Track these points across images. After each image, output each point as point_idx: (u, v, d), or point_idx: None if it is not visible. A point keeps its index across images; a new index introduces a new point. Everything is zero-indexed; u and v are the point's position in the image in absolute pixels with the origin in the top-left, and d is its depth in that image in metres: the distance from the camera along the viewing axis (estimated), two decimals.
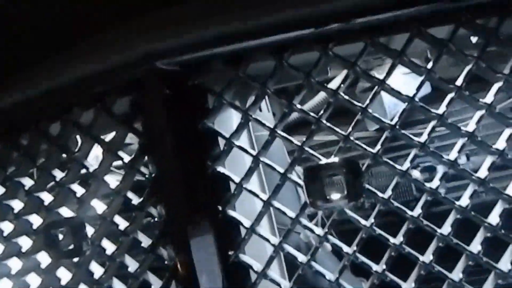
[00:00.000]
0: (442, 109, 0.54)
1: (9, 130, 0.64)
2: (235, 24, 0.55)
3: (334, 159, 0.55)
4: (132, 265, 0.60)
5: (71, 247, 0.61)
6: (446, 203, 0.54)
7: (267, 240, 0.56)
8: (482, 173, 0.53)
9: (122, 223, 0.60)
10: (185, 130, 0.56)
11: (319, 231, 0.56)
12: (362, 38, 0.55)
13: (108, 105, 0.60)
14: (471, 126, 0.54)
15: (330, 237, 0.56)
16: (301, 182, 0.55)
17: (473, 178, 0.53)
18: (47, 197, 0.64)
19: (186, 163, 0.56)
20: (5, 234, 0.66)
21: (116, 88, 0.59)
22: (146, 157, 0.58)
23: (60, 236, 0.62)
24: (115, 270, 0.60)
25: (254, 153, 0.56)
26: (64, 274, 0.63)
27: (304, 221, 0.56)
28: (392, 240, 0.54)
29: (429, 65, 0.54)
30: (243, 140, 0.61)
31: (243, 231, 0.56)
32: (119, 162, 0.60)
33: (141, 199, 0.58)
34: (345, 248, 0.55)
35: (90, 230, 0.61)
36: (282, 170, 0.56)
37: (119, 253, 0.60)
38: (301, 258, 0.55)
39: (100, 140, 0.61)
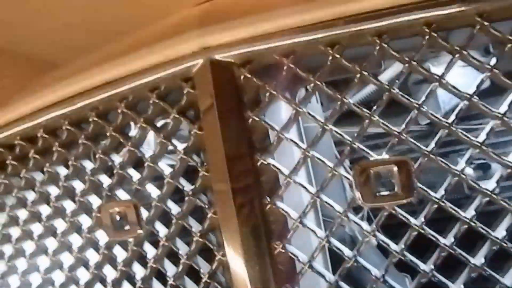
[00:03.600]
0: (503, 108, 0.50)
1: None
2: (290, 18, 0.53)
3: (384, 156, 0.53)
4: (182, 248, 0.61)
5: (127, 227, 0.64)
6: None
7: (314, 233, 0.55)
8: None
9: (174, 208, 0.61)
10: (237, 121, 0.56)
11: (366, 227, 0.54)
12: (421, 33, 0.52)
13: (163, 94, 0.61)
14: None
15: (377, 233, 0.55)
16: (350, 177, 0.53)
17: None
18: (105, 180, 0.66)
19: (236, 155, 0.55)
20: (67, 212, 0.69)
21: (171, 78, 0.60)
22: (199, 146, 0.59)
23: (117, 217, 0.64)
24: (167, 252, 0.62)
25: (304, 146, 0.55)
26: (119, 253, 0.66)
27: (352, 216, 0.55)
28: (442, 240, 0.52)
29: (492, 62, 0.51)
30: (292, 132, 0.60)
31: (290, 222, 0.56)
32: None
33: (193, 186, 0.59)
34: (393, 246, 0.53)
35: (144, 213, 0.63)
36: (331, 165, 0.54)
37: (171, 236, 0.61)
38: (347, 252, 0.54)
39: (156, 127, 0.62)
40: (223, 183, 0.56)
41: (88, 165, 0.67)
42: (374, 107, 0.53)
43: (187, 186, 0.60)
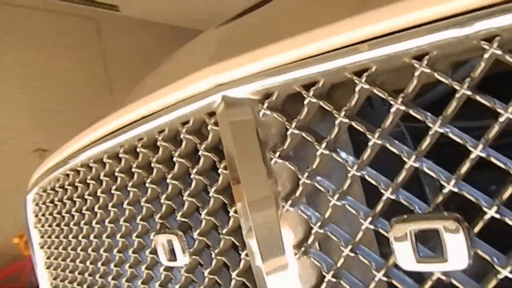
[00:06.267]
0: None
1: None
2: (305, 47, 0.44)
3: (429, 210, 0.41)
4: None
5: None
6: None
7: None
8: None
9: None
10: (259, 163, 0.50)
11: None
12: (479, 49, 0.38)
13: (194, 129, 0.58)
14: None
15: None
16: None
17: None
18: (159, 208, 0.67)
19: (259, 203, 0.50)
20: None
21: (198, 113, 0.56)
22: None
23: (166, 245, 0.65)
24: None
25: (331, 195, 0.46)
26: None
27: None
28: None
29: None
30: None
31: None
32: None
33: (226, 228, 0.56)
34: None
35: None
36: (363, 218, 0.45)
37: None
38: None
39: (191, 162, 0.60)
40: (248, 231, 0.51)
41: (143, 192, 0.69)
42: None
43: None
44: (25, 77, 4.10)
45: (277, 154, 0.49)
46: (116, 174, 0.72)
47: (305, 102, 0.46)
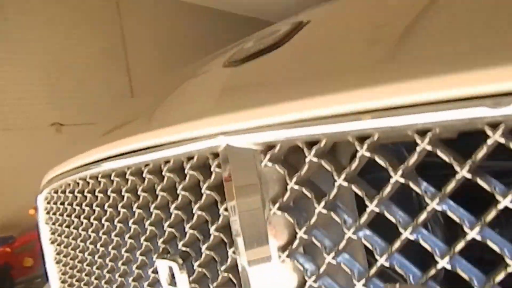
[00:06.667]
0: None
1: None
2: (307, 111, 0.43)
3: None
4: None
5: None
6: None
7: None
8: None
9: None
10: (257, 215, 0.50)
11: None
12: (481, 131, 0.37)
13: (197, 165, 0.58)
14: None
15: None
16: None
17: None
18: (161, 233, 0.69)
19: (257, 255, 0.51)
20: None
21: (203, 152, 0.56)
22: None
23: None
24: None
25: (327, 255, 0.47)
26: None
27: None
28: None
29: None
30: None
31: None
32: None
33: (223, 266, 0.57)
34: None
35: None
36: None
37: None
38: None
39: (191, 196, 0.61)
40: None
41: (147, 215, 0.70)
42: None
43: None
44: (44, 54, 4.13)
45: (277, 205, 0.49)
46: (122, 193, 0.73)
47: (306, 160, 0.46)
